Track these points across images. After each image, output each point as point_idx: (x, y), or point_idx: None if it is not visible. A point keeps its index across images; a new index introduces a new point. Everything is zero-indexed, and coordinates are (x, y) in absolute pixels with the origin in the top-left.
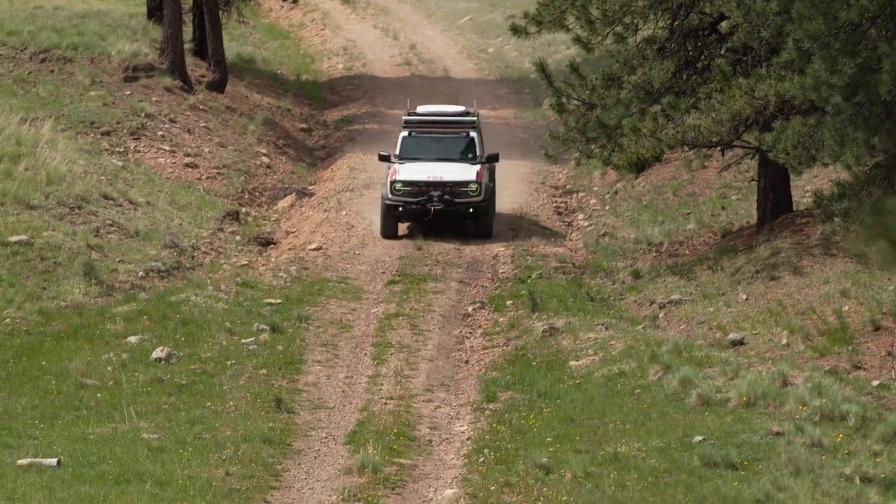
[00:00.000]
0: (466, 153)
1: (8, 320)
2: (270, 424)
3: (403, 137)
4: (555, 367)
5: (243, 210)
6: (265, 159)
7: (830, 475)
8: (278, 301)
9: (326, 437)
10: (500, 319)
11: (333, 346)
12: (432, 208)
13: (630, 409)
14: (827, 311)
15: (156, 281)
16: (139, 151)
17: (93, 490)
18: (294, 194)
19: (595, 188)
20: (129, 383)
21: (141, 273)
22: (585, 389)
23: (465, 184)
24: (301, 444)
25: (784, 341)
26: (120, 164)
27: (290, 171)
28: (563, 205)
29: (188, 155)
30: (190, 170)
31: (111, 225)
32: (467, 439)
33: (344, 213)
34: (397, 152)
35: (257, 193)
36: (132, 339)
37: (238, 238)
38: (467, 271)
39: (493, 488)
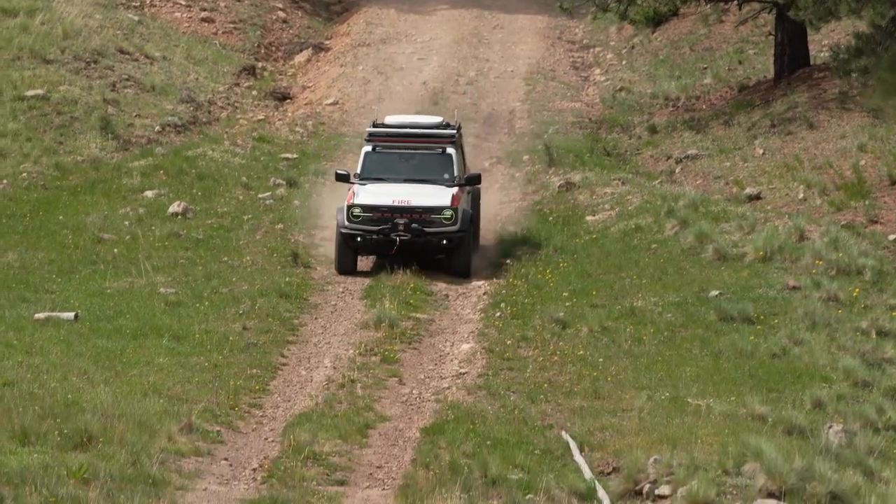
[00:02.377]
0: (441, 173)
1: (25, 175)
2: (287, 279)
3: (366, 153)
4: (571, 222)
5: (259, 65)
6: (281, 14)
7: (846, 329)
8: (295, 156)
9: (343, 292)
10: (517, 174)
11: None
12: (398, 239)
13: (646, 264)
14: (843, 166)
15: (172, 136)
16: (155, 6)
17: (110, 344)
18: (310, 49)
19: (612, 43)
20: (146, 238)
21: (157, 128)
22: (602, 244)
23: (438, 210)
24: (318, 299)
25: (800, 196)
26: (136, 18)
27: (306, 26)
28: (579, 60)
29: (204, 9)
30: (206, 24)
31: (127, 79)
32: (484, 294)
33: (360, 67)
34: (358, 171)
35: (273, 48)
36: (149, 193)
37: (254, 93)
38: (484, 126)
39: (509, 343)
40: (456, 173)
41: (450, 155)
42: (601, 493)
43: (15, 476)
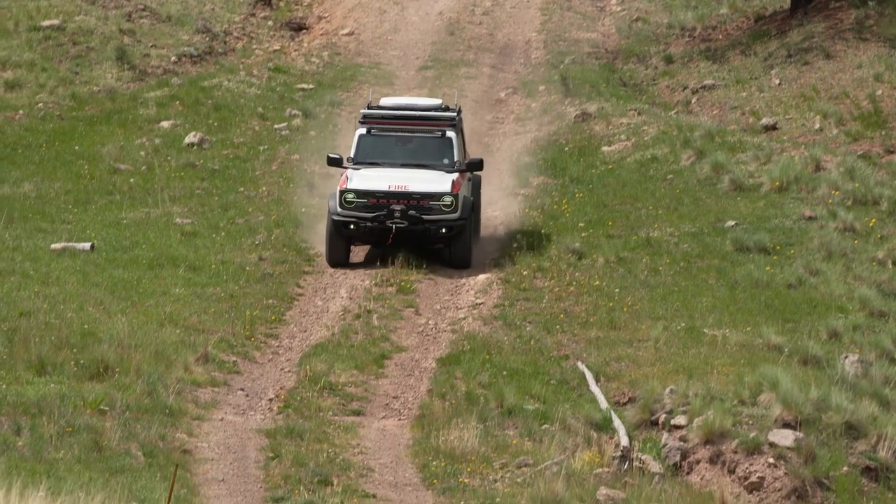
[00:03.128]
0: (441, 158)
1: (41, 105)
2: (303, 209)
3: (360, 136)
4: (587, 153)
5: None
6: None
7: (862, 259)
8: (310, 86)
9: None
10: (533, 105)
11: None
12: (393, 227)
13: (662, 195)
14: (860, 96)
15: (188, 66)
16: None
17: (126, 274)
18: None
19: None
20: (162, 168)
21: (173, 58)
22: (618, 175)
23: (437, 196)
24: None
25: (817, 126)
26: None
27: None
28: None
29: None
30: None
31: (143, 10)
32: (500, 224)
33: None
34: (352, 155)
35: None
36: (165, 124)
37: (270, 23)
38: (500, 56)
39: (525, 273)
40: (456, 158)
41: (450, 138)
42: (617, 423)
43: (32, 406)
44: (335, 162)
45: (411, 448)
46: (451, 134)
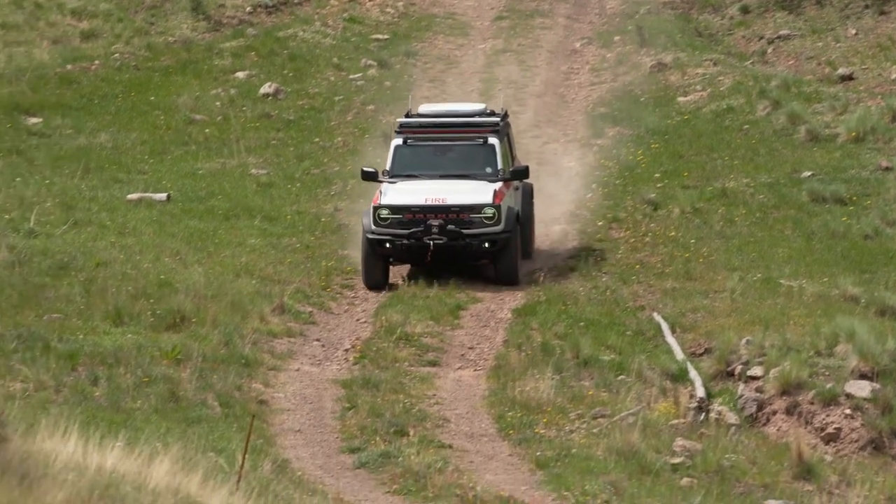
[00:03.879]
0: (483, 166)
1: (117, 55)
2: (379, 160)
3: (396, 147)
4: (663, 103)
5: None
6: None
7: None
8: (386, 37)
9: None
10: (608, 55)
11: (441, 81)
12: (431, 243)
13: (738, 145)
14: None
15: (263, 16)
16: None
17: (202, 224)
18: None
19: None
20: (238, 119)
21: (248, 8)
22: (694, 125)
23: (478, 208)
24: None
25: (893, 76)
26: None
27: None
28: None
29: None
30: None
31: None
32: (575, 175)
33: None
34: (388, 167)
35: None
36: (240, 74)
37: None
38: (575, 7)
39: (600, 224)
40: (500, 166)
41: (492, 145)
42: (693, 374)
43: (109, 356)
44: (370, 176)
45: (487, 399)
46: (493, 140)
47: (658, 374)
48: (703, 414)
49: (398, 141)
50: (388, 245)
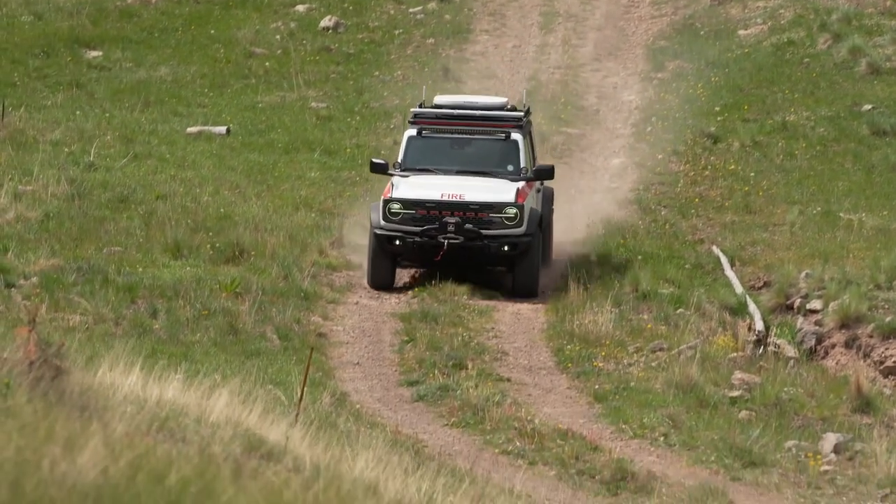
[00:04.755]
0: (504, 164)
1: None
2: (438, 93)
3: (409, 138)
4: (723, 36)
5: None
6: None
7: None
8: None
9: None
10: None
11: (501, 15)
12: (445, 242)
13: (799, 78)
14: None
15: None
16: None
17: (262, 158)
18: None
19: None
20: (297, 52)
21: None
22: (754, 58)
23: (499, 207)
24: None
25: None
26: None
27: None
28: None
29: None
30: None
31: None
32: (635, 108)
33: None
34: (399, 160)
35: None
36: (300, 7)
37: None
38: None
39: (660, 157)
40: (523, 164)
41: (515, 141)
42: (752, 307)
43: (168, 289)
44: (379, 168)
45: (546, 332)
46: (516, 136)
47: (717, 308)
48: (762, 347)
49: (412, 132)
50: (397, 242)
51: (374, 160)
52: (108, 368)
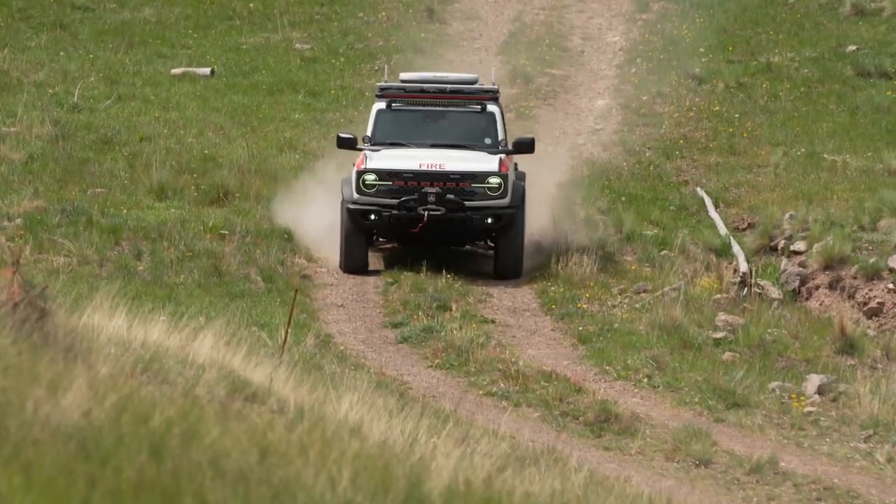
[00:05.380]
0: (481, 137)
1: None
2: (422, 35)
3: (379, 111)
4: None
5: None
6: None
7: None
8: None
9: (479, 48)
10: None
11: None
12: (426, 213)
13: (783, 20)
14: None
15: None
16: None
17: (246, 99)
18: None
19: None
20: None
21: None
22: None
23: (481, 176)
24: (453, 55)
25: None
26: None
27: None
28: None
29: None
30: None
31: None
32: (619, 49)
33: None
34: (369, 133)
35: None
36: None
37: None
38: None
39: (644, 98)
40: (501, 137)
41: (492, 113)
42: (736, 248)
43: (152, 231)
44: (347, 143)
45: (529, 273)
46: (493, 108)
47: (701, 249)
48: (746, 289)
49: (381, 105)
50: (373, 216)
51: (340, 134)
52: (93, 310)
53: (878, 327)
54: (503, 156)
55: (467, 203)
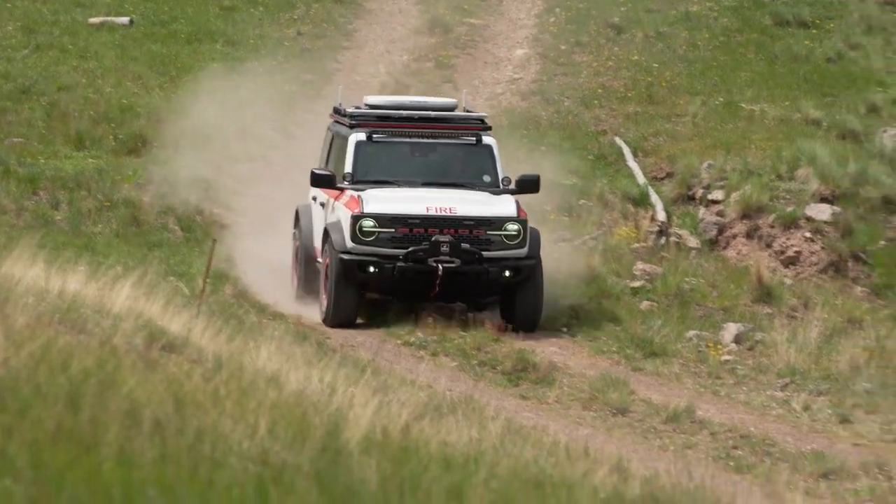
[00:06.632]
0: (479, 174)
1: None
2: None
3: (358, 144)
4: None
5: None
6: None
7: None
8: None
9: None
10: None
11: None
12: (440, 267)
13: None
14: None
15: None
16: None
17: (164, 49)
18: None
19: None
20: None
21: None
22: None
23: (499, 222)
24: (373, 4)
25: None
26: None
27: None
28: None
29: None
30: None
31: None
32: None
33: None
34: (348, 170)
35: None
36: None
37: None
38: None
39: (563, 48)
40: (501, 174)
41: (489, 146)
42: (654, 197)
43: (70, 180)
44: (324, 181)
45: None
46: (489, 140)
47: (619, 198)
48: (664, 238)
49: (359, 136)
50: (372, 269)
51: (315, 171)
52: (10, 260)
53: (795, 276)
54: (513, 197)
55: (485, 254)
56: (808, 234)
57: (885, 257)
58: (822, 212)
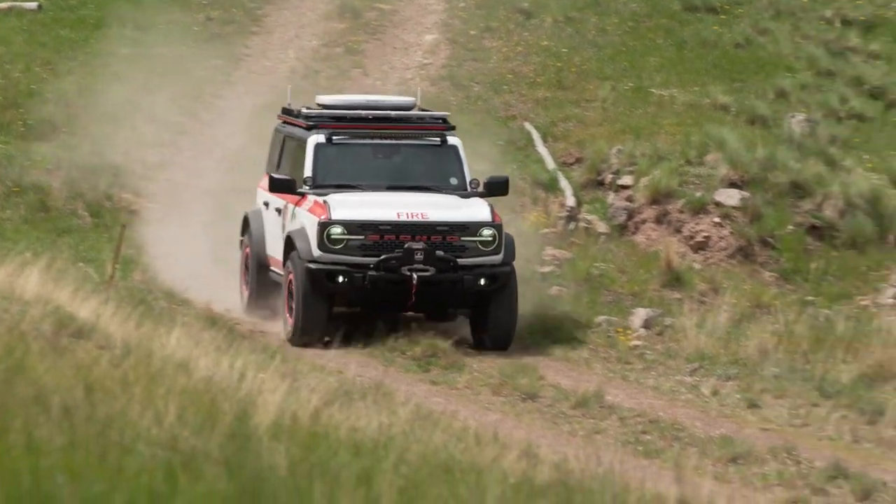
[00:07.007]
0: (445, 176)
1: None
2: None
3: (317, 146)
4: None
5: None
6: None
7: (811, 18)
8: None
9: None
10: None
11: None
12: (413, 275)
13: None
14: None
15: None
16: None
17: (73, 34)
18: None
19: None
20: None
21: None
22: None
23: (474, 228)
24: None
25: None
26: None
27: None
28: None
29: None
30: None
31: None
32: None
33: None
34: (308, 174)
35: None
36: None
37: None
38: None
39: (473, 33)
40: (468, 177)
41: (454, 147)
42: (564, 182)
43: None
44: (283, 186)
45: None
46: (454, 141)
47: (529, 184)
48: (573, 223)
49: (318, 138)
50: (341, 278)
51: (274, 175)
52: None
53: (704, 261)
54: (487, 201)
55: (460, 261)
56: (716, 220)
57: (793, 242)
58: (730, 197)
